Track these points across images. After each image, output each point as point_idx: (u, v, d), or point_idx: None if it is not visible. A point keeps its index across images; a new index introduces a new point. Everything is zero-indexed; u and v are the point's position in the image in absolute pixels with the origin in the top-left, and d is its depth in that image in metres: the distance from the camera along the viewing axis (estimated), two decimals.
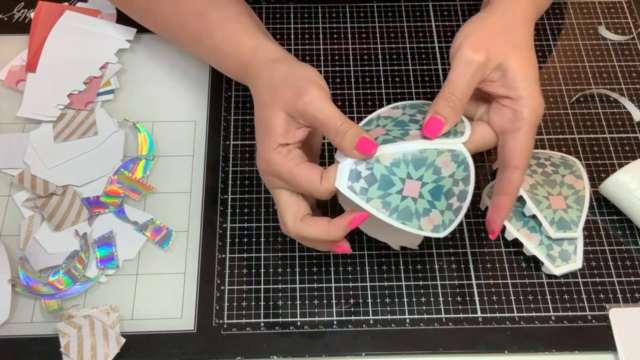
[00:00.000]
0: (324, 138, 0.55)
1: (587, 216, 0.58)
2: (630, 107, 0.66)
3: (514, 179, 0.51)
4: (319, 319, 0.55)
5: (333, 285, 0.57)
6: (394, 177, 0.48)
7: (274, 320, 0.55)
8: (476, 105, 0.54)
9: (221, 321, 0.55)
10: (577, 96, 0.67)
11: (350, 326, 0.55)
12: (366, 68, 0.69)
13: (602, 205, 0.61)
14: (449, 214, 0.50)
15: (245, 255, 0.58)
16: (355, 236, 0.59)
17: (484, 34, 0.51)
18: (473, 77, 0.50)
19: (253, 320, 0.55)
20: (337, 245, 0.51)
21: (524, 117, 0.50)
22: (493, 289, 0.57)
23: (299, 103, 0.49)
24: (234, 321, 0.55)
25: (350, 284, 0.57)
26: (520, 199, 0.58)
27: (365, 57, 0.70)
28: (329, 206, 0.60)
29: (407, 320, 0.55)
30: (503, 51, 0.50)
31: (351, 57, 0.70)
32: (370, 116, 0.53)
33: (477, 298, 0.56)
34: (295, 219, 0.50)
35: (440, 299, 0.56)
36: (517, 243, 0.58)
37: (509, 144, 0.51)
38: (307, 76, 0.51)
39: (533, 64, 0.51)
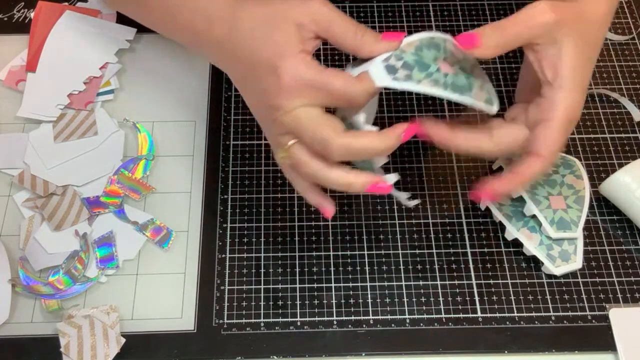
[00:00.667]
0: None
1: (587, 216, 0.58)
2: (630, 107, 0.66)
3: (532, 164, 0.48)
4: (319, 319, 0.55)
5: (333, 285, 0.57)
6: (427, 60, 0.46)
7: (274, 320, 0.55)
8: (526, 109, 0.52)
9: (221, 321, 0.55)
10: None
11: (350, 326, 0.55)
12: None
13: (602, 205, 0.61)
14: (487, 88, 0.49)
15: (245, 255, 0.58)
16: (355, 236, 0.59)
17: (567, 7, 0.48)
18: (533, 28, 0.46)
19: (253, 320, 0.55)
20: (376, 183, 0.46)
21: (557, 109, 0.47)
22: (493, 289, 0.57)
23: (310, 6, 0.46)
24: (234, 321, 0.55)
25: (350, 284, 0.57)
26: (520, 199, 0.58)
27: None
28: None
29: (407, 320, 0.55)
30: (571, 33, 0.47)
31: (351, 57, 0.69)
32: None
33: (477, 298, 0.56)
34: (337, 130, 0.45)
35: (440, 299, 0.56)
36: (517, 243, 0.58)
37: (537, 133, 0.48)
38: (277, 48, 0.46)
39: (588, 66, 0.49)
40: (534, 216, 0.57)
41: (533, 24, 0.47)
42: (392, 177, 0.48)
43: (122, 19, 0.70)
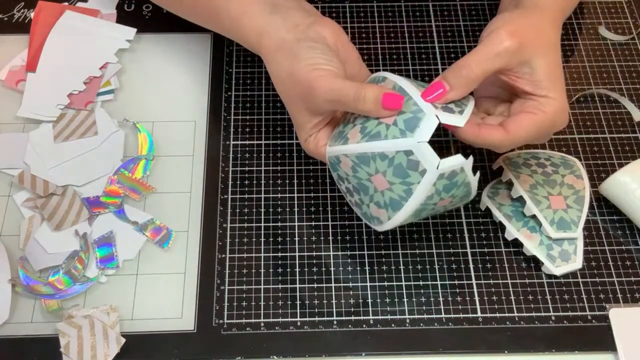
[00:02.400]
0: None
1: (587, 216, 0.58)
2: (630, 107, 0.66)
3: (494, 132, 0.50)
4: (319, 319, 0.55)
5: (333, 285, 0.57)
6: (372, 163, 0.49)
7: (274, 320, 0.55)
8: (495, 104, 0.54)
9: (221, 321, 0.55)
10: (577, 96, 0.67)
11: (350, 326, 0.55)
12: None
13: (602, 205, 0.61)
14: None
15: (245, 255, 0.58)
16: (355, 236, 0.59)
17: (522, 26, 0.50)
18: (497, 58, 0.48)
19: (253, 320, 0.55)
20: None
21: (545, 111, 0.49)
22: (493, 289, 0.57)
23: (315, 101, 0.50)
24: (234, 321, 0.55)
25: (350, 284, 0.57)
26: (520, 199, 0.58)
27: (366, 57, 0.70)
28: (328, 200, 0.60)
29: (407, 320, 0.55)
30: (536, 49, 0.49)
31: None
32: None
33: (477, 298, 0.56)
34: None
35: (440, 299, 0.56)
36: (517, 243, 0.58)
37: (518, 115, 0.50)
38: (309, 66, 0.51)
39: (560, 71, 0.51)
40: (534, 216, 0.57)
41: (497, 57, 0.49)
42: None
43: (122, 19, 0.70)
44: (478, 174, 0.50)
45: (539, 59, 0.49)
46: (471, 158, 0.48)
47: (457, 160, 0.47)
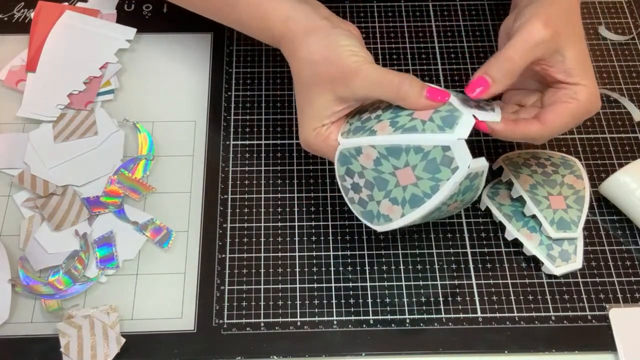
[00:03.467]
0: None
1: (587, 216, 0.58)
2: (630, 107, 0.66)
3: (530, 125, 0.50)
4: (319, 319, 0.55)
5: (333, 285, 0.57)
6: (403, 154, 0.49)
7: (274, 320, 0.55)
8: (526, 95, 0.54)
9: (221, 321, 0.55)
10: None
11: (350, 326, 0.55)
12: None
13: (602, 205, 0.61)
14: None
15: (245, 255, 0.58)
16: (355, 236, 0.59)
17: (554, 15, 0.50)
18: (536, 48, 0.49)
19: (253, 320, 0.55)
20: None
21: (578, 98, 0.50)
22: (493, 289, 0.57)
23: (351, 86, 0.50)
24: (234, 321, 0.55)
25: (350, 284, 0.57)
26: (520, 199, 0.58)
27: None
28: (329, 200, 0.60)
29: (407, 320, 0.55)
30: (567, 37, 0.50)
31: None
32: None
33: (477, 298, 0.56)
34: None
35: (440, 299, 0.56)
36: (517, 243, 0.58)
37: (552, 107, 0.50)
38: (350, 51, 0.50)
39: (589, 58, 0.52)
40: (534, 216, 0.57)
41: (535, 47, 0.49)
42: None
43: (122, 19, 0.70)
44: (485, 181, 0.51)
45: (571, 47, 0.50)
46: (488, 164, 0.49)
47: (483, 163, 0.48)
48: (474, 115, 0.48)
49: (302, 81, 0.52)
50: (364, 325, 0.55)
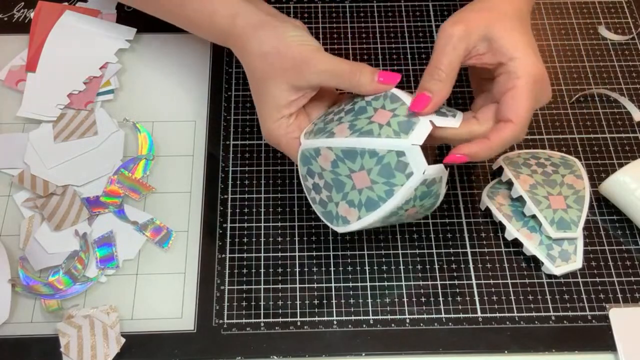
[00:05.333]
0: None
1: (587, 216, 0.58)
2: (630, 107, 0.66)
3: (502, 130, 0.50)
4: (319, 319, 0.55)
5: (333, 285, 0.57)
6: (359, 157, 0.49)
7: (274, 320, 0.55)
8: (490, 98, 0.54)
9: (221, 321, 0.55)
10: (577, 96, 0.67)
11: (350, 326, 0.55)
12: None
13: (602, 205, 0.61)
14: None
15: (245, 255, 0.58)
16: (355, 236, 0.59)
17: (465, 12, 0.51)
18: (455, 50, 0.50)
19: (253, 320, 0.55)
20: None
21: (518, 76, 0.49)
22: (493, 289, 0.57)
23: (304, 74, 0.50)
24: (234, 321, 0.55)
25: (350, 284, 0.57)
26: (520, 199, 0.58)
27: (365, 57, 0.70)
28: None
29: (407, 320, 0.55)
30: (486, 22, 0.50)
31: (351, 57, 0.70)
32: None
33: (477, 298, 0.56)
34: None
35: (440, 299, 0.56)
36: (517, 243, 0.58)
37: (505, 100, 0.50)
38: (299, 40, 0.51)
39: (524, 31, 0.51)
40: (534, 216, 0.57)
41: (452, 48, 0.50)
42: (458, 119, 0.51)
43: (122, 19, 0.70)
44: (445, 187, 0.51)
45: (494, 29, 0.50)
46: (447, 170, 0.50)
47: (440, 169, 0.49)
48: (431, 121, 0.48)
49: (256, 75, 0.53)
50: (364, 325, 0.55)
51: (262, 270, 0.57)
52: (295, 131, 0.53)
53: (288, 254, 0.58)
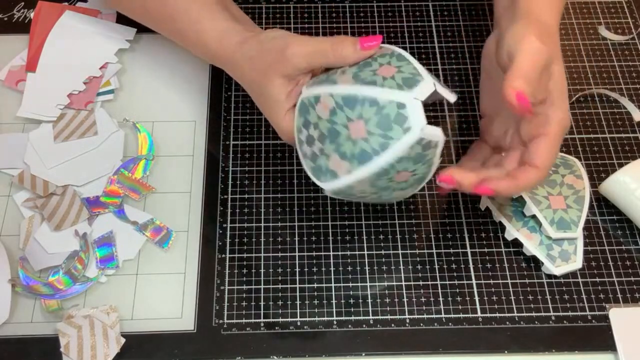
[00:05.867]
0: None
1: (587, 216, 0.58)
2: (630, 107, 0.66)
3: (529, 174, 0.50)
4: (319, 319, 0.55)
5: (333, 285, 0.57)
6: (358, 105, 0.49)
7: (274, 320, 0.55)
8: (504, 124, 0.55)
9: (221, 321, 0.55)
10: (577, 96, 0.67)
11: (350, 326, 0.55)
12: None
13: (602, 205, 0.61)
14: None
15: (245, 255, 0.58)
16: (355, 236, 0.59)
17: (543, 32, 0.50)
18: (544, 66, 0.49)
19: (253, 320, 0.55)
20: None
21: (551, 124, 0.49)
22: (493, 289, 0.57)
23: (290, 61, 0.51)
24: (234, 321, 0.55)
25: (350, 284, 0.57)
26: (520, 199, 0.58)
27: None
28: (321, 206, 0.60)
29: (407, 320, 0.55)
30: (556, 55, 0.50)
31: None
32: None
33: (477, 298, 0.56)
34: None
35: (440, 299, 0.56)
36: (517, 243, 0.58)
37: (534, 146, 0.50)
38: (277, 35, 0.53)
39: (565, 78, 0.52)
40: (534, 216, 0.57)
41: (544, 66, 0.49)
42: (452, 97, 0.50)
43: (122, 19, 0.70)
44: (440, 159, 0.50)
45: (555, 66, 0.50)
46: (444, 138, 0.49)
47: (438, 132, 0.48)
48: (434, 83, 0.48)
49: (251, 84, 0.55)
50: (364, 325, 0.55)
51: (262, 270, 0.57)
52: None
53: (288, 254, 0.58)
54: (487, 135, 0.57)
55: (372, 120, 0.47)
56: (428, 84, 0.48)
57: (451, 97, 0.50)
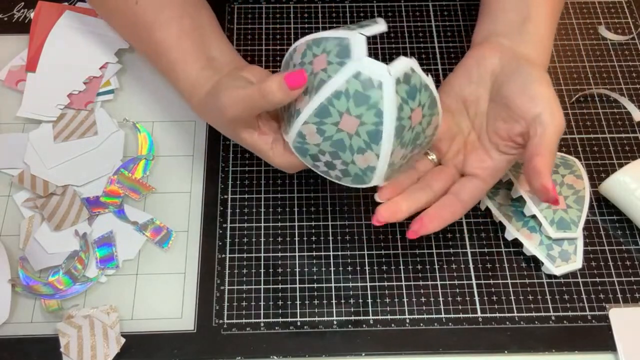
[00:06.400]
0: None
1: (587, 216, 0.58)
2: (630, 107, 0.66)
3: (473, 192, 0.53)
4: (319, 319, 0.55)
5: (333, 285, 0.57)
6: (332, 109, 0.47)
7: (274, 320, 0.55)
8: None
9: (221, 321, 0.55)
10: (577, 96, 0.67)
11: (350, 326, 0.55)
12: None
13: (602, 205, 0.61)
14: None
15: (245, 255, 0.58)
16: (355, 236, 0.59)
17: (548, 91, 0.50)
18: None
19: (253, 320, 0.55)
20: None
21: (545, 140, 0.49)
22: (493, 289, 0.57)
23: (224, 114, 0.50)
24: (234, 321, 0.55)
25: (350, 284, 0.57)
26: (520, 199, 0.58)
27: None
28: (332, 205, 0.60)
29: (407, 320, 0.55)
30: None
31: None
32: (297, 45, 0.51)
33: (477, 298, 0.56)
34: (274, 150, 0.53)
35: (440, 299, 0.56)
36: (517, 243, 0.58)
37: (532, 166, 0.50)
38: (212, 90, 0.52)
39: (548, 79, 0.52)
40: (534, 216, 0.57)
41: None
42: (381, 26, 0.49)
43: None
44: (399, 111, 0.48)
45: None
46: (414, 59, 0.48)
47: (403, 62, 0.47)
48: (360, 34, 0.47)
49: (228, 128, 0.53)
50: (364, 325, 0.55)
51: (262, 270, 0.57)
52: (281, 145, 0.52)
53: (288, 254, 0.58)
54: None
55: (350, 106, 0.47)
56: (358, 39, 0.47)
57: (382, 27, 0.49)
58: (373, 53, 0.70)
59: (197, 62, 0.56)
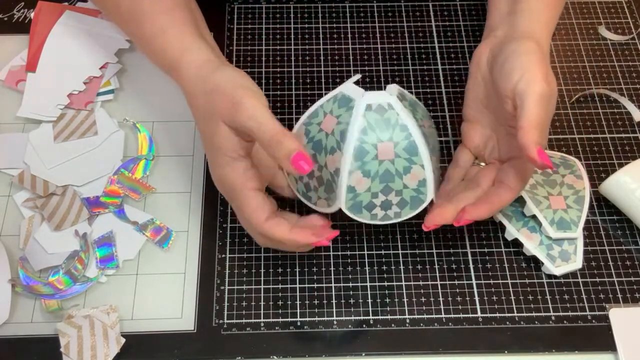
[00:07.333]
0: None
1: (587, 216, 0.58)
2: (630, 107, 0.66)
3: (503, 195, 0.53)
4: (319, 319, 0.55)
5: (333, 285, 0.57)
6: (366, 145, 0.50)
7: (274, 320, 0.55)
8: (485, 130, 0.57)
9: (221, 321, 0.55)
10: (577, 96, 0.67)
11: (350, 326, 0.55)
12: (366, 68, 0.69)
13: (602, 205, 0.61)
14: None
15: (245, 255, 0.58)
16: (355, 236, 0.59)
17: (544, 64, 0.50)
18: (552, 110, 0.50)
19: (253, 320, 0.55)
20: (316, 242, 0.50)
21: (528, 143, 0.48)
22: (493, 289, 0.57)
23: (235, 116, 0.48)
24: (234, 321, 0.55)
25: (350, 284, 0.57)
26: (520, 199, 0.58)
27: (365, 57, 0.70)
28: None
29: (407, 320, 0.55)
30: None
31: (351, 57, 0.70)
32: (313, 107, 0.53)
33: (477, 298, 0.56)
34: (260, 218, 0.50)
35: (440, 299, 0.56)
36: (517, 243, 0.58)
37: (507, 168, 0.53)
38: (240, 83, 0.49)
39: (548, 65, 0.51)
40: (534, 216, 0.57)
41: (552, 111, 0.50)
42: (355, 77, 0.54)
43: None
44: (414, 120, 0.50)
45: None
46: (396, 98, 0.50)
47: (392, 86, 0.52)
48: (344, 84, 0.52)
49: (200, 113, 0.52)
50: (364, 325, 0.55)
51: (262, 270, 0.57)
52: (253, 181, 0.50)
53: (288, 254, 0.58)
54: (468, 141, 0.58)
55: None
56: (356, 76, 0.53)
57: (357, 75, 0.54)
58: (374, 53, 0.70)
59: (190, 28, 0.54)
